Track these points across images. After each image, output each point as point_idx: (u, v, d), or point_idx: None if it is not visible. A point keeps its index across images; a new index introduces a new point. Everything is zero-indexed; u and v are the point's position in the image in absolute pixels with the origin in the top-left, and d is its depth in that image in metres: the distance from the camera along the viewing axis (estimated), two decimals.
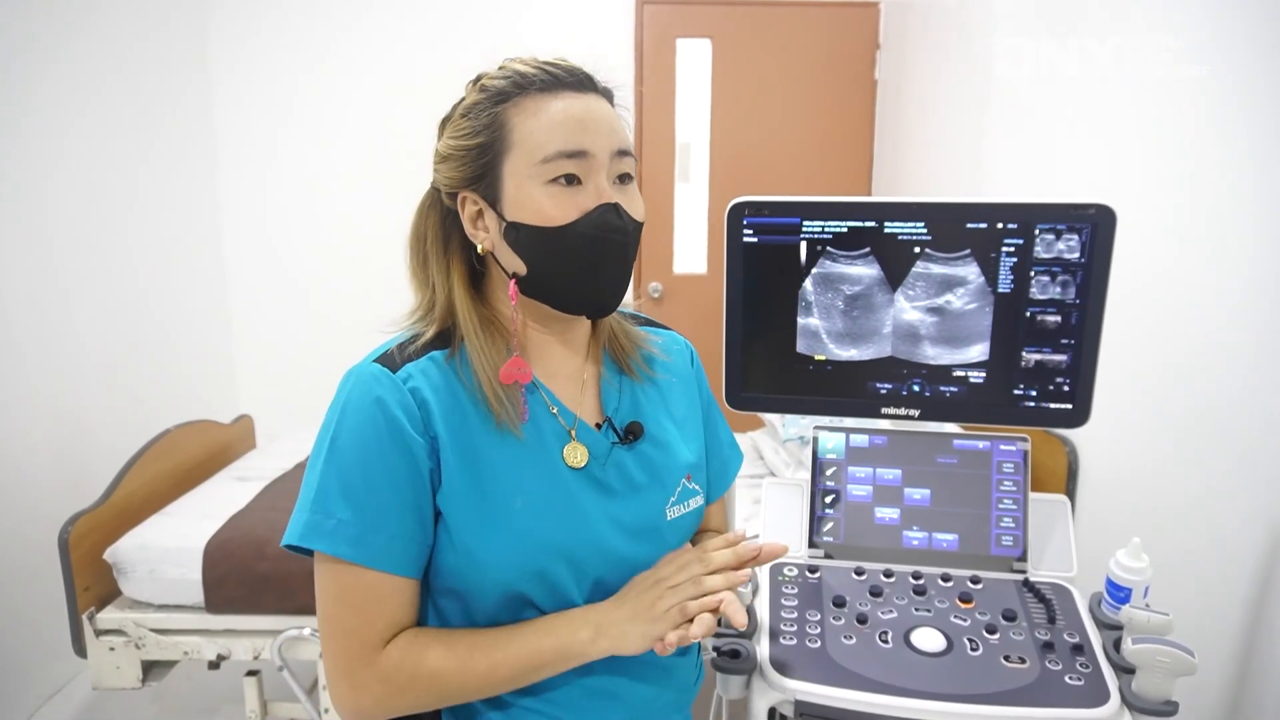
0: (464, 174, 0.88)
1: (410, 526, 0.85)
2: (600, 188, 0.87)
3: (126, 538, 1.81)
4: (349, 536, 0.82)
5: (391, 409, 0.84)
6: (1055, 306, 1.11)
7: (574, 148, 0.85)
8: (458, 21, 3.16)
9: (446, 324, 0.91)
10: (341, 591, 0.84)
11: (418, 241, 0.94)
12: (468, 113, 0.88)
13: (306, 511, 0.84)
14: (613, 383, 0.99)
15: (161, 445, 2.09)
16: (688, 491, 0.99)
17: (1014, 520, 1.16)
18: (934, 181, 2.69)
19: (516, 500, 0.87)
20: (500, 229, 0.87)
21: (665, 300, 3.43)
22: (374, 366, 0.86)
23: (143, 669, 1.81)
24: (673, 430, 1.00)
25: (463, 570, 0.87)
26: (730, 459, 1.13)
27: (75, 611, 1.75)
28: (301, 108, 3.20)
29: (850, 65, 3.29)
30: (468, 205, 0.89)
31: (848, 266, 1.16)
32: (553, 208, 0.85)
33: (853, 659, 1.01)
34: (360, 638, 0.84)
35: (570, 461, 0.91)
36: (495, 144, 0.86)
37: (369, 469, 0.83)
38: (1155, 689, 0.94)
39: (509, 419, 0.88)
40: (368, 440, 0.83)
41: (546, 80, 0.87)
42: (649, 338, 1.05)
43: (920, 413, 1.19)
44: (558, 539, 0.88)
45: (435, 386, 0.87)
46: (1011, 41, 2.11)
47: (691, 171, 3.45)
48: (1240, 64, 1.30)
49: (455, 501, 0.86)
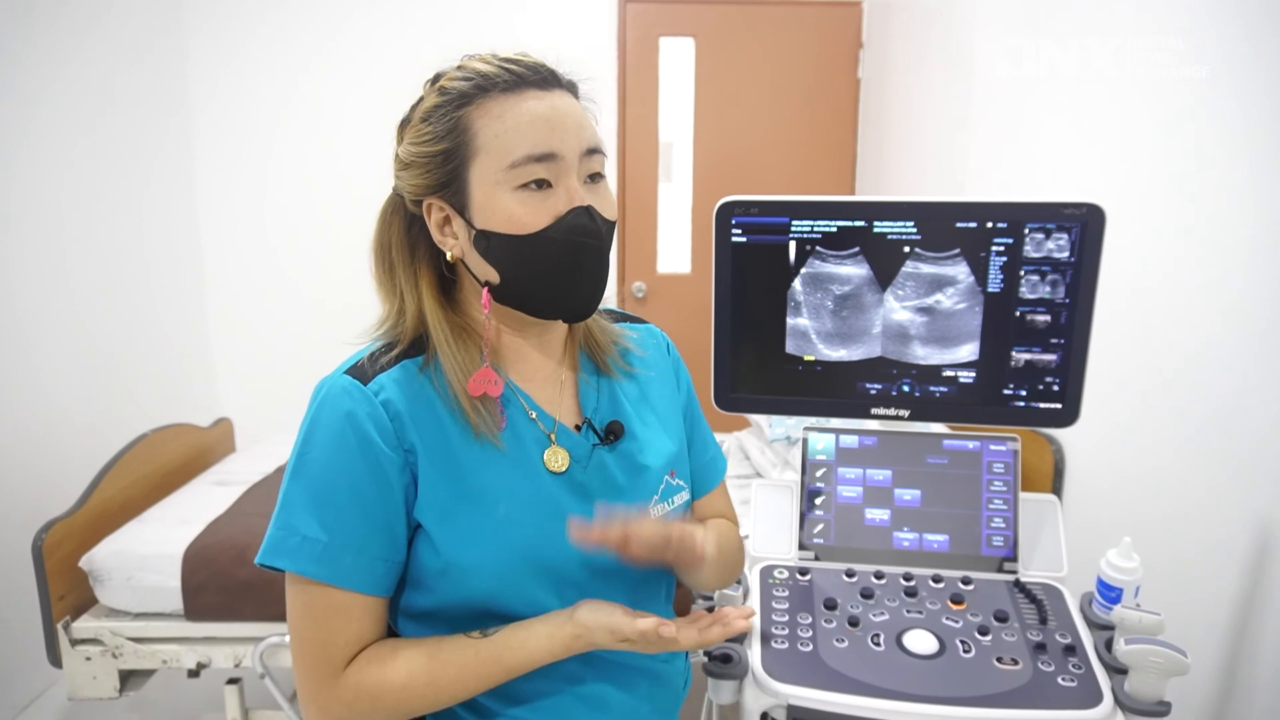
0: (428, 181, 0.85)
1: (379, 544, 0.83)
2: (571, 190, 0.84)
3: (102, 545, 1.78)
4: (314, 554, 0.80)
5: (362, 423, 0.81)
6: (1045, 306, 1.11)
7: (542, 150, 0.82)
8: (441, 22, 3.13)
9: (418, 332, 0.89)
10: (308, 609, 0.82)
11: (382, 250, 0.91)
12: (428, 117, 0.84)
13: (272, 528, 0.82)
14: (590, 382, 0.97)
15: (138, 449, 2.05)
16: (671, 488, 0.97)
17: (1004, 520, 1.16)
18: (917, 180, 2.69)
19: (499, 508, 0.85)
20: (470, 237, 0.84)
21: (649, 300, 3.42)
22: (344, 379, 0.84)
23: (120, 678, 1.77)
24: (654, 425, 0.99)
25: (445, 582, 0.85)
26: (716, 458, 1.12)
27: (50, 621, 1.71)
28: (280, 111, 3.16)
29: (833, 64, 3.29)
30: (434, 212, 0.86)
31: (837, 266, 1.15)
32: (524, 214, 0.82)
33: (845, 662, 1.00)
34: (326, 656, 0.82)
35: (551, 466, 0.89)
36: (460, 150, 0.83)
37: (337, 485, 0.81)
38: (1148, 689, 0.94)
39: (487, 429, 0.85)
40: (337, 456, 0.81)
41: (510, 79, 0.83)
42: (624, 333, 1.03)
43: (910, 413, 1.18)
44: (540, 546, 0.86)
45: (409, 397, 0.84)
46: (994, 40, 2.11)
47: (675, 171, 3.44)
48: (1230, 61, 1.31)
49: (436, 513, 0.84)
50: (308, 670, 0.83)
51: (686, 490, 1.00)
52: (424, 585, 0.86)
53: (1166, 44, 1.46)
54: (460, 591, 0.85)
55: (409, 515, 0.85)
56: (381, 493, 0.82)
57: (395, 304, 0.90)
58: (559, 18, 3.21)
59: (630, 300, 3.40)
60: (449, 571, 0.84)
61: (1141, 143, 1.51)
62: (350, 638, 0.83)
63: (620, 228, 3.39)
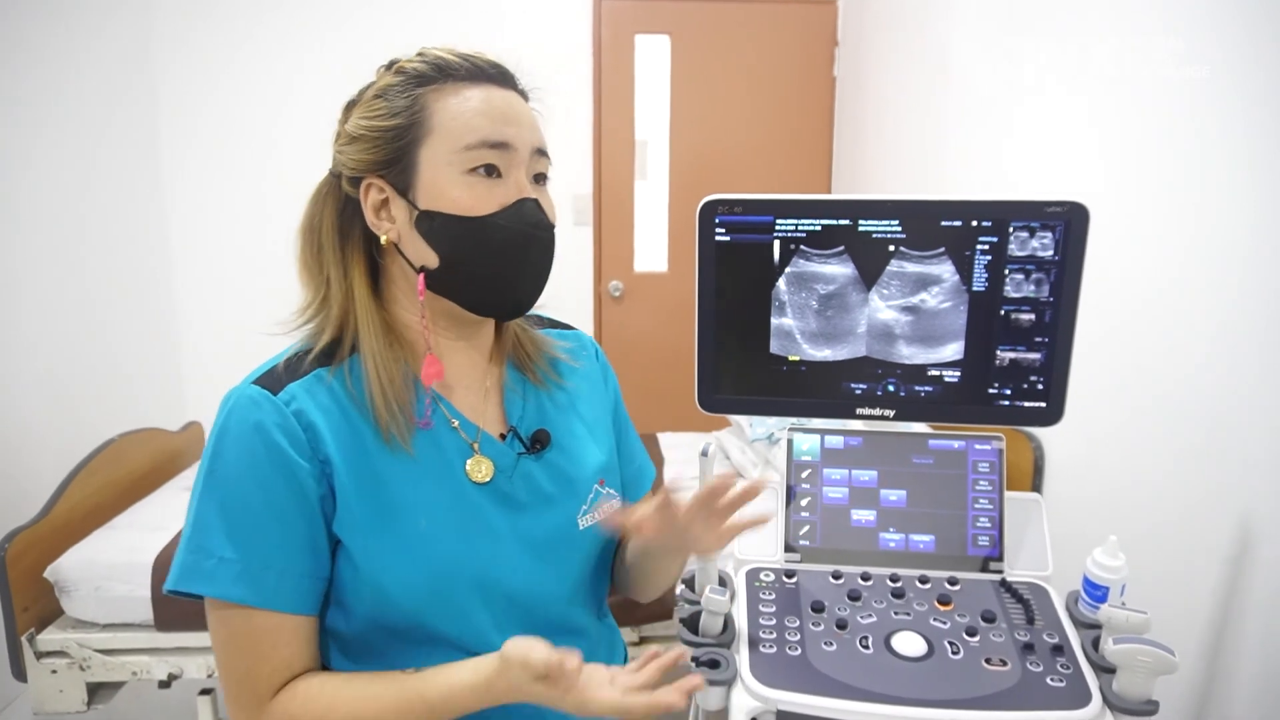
0: (374, 157, 0.82)
1: (302, 560, 0.79)
2: (520, 182, 0.84)
3: (69, 554, 1.73)
4: (232, 575, 0.76)
5: (272, 434, 0.77)
6: (1029, 304, 1.11)
7: (498, 138, 0.81)
8: (416, 18, 3.09)
9: (340, 328, 0.85)
10: (231, 636, 0.78)
11: (311, 232, 0.88)
12: (383, 94, 0.83)
13: (184, 551, 0.77)
14: (517, 390, 0.95)
15: (106, 455, 2.00)
16: (601, 496, 0.95)
17: (990, 520, 1.16)
18: (894, 178, 2.70)
19: (419, 521, 0.82)
20: (411, 218, 0.82)
21: (626, 299, 3.40)
22: (253, 389, 0.80)
23: (88, 691, 1.73)
24: (582, 434, 0.97)
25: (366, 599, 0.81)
26: (645, 463, 1.10)
27: (14, 633, 1.67)
28: (247, 113, 3.11)
29: (809, 63, 3.29)
30: (372, 192, 0.84)
31: (821, 265, 1.14)
32: (471, 198, 0.81)
33: (834, 666, 0.99)
34: (252, 684, 0.78)
35: (474, 477, 0.86)
36: (413, 128, 0.81)
37: (251, 500, 0.77)
38: (1136, 688, 0.94)
39: (399, 431, 0.82)
40: (248, 469, 0.77)
41: (469, 70, 0.83)
42: (554, 343, 1.01)
43: (895, 413, 1.18)
44: (465, 560, 0.83)
45: (323, 406, 0.81)
46: (970, 38, 2.12)
47: (650, 169, 3.43)
48: (1222, 61, 1.32)
49: (354, 527, 0.80)
50: (234, 697, 0.79)
51: (618, 499, 0.97)
52: (345, 605, 0.83)
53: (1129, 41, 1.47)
54: (383, 609, 0.82)
55: (329, 529, 0.81)
56: (298, 506, 0.78)
57: (320, 291, 0.87)
58: (535, 14, 3.18)
59: (607, 299, 3.38)
60: (370, 588, 0.81)
61: (1125, 140, 1.52)
62: (278, 664, 0.79)
63: (596, 226, 3.37)
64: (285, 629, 0.79)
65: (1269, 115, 1.18)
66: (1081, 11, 1.64)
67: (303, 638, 0.81)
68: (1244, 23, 1.23)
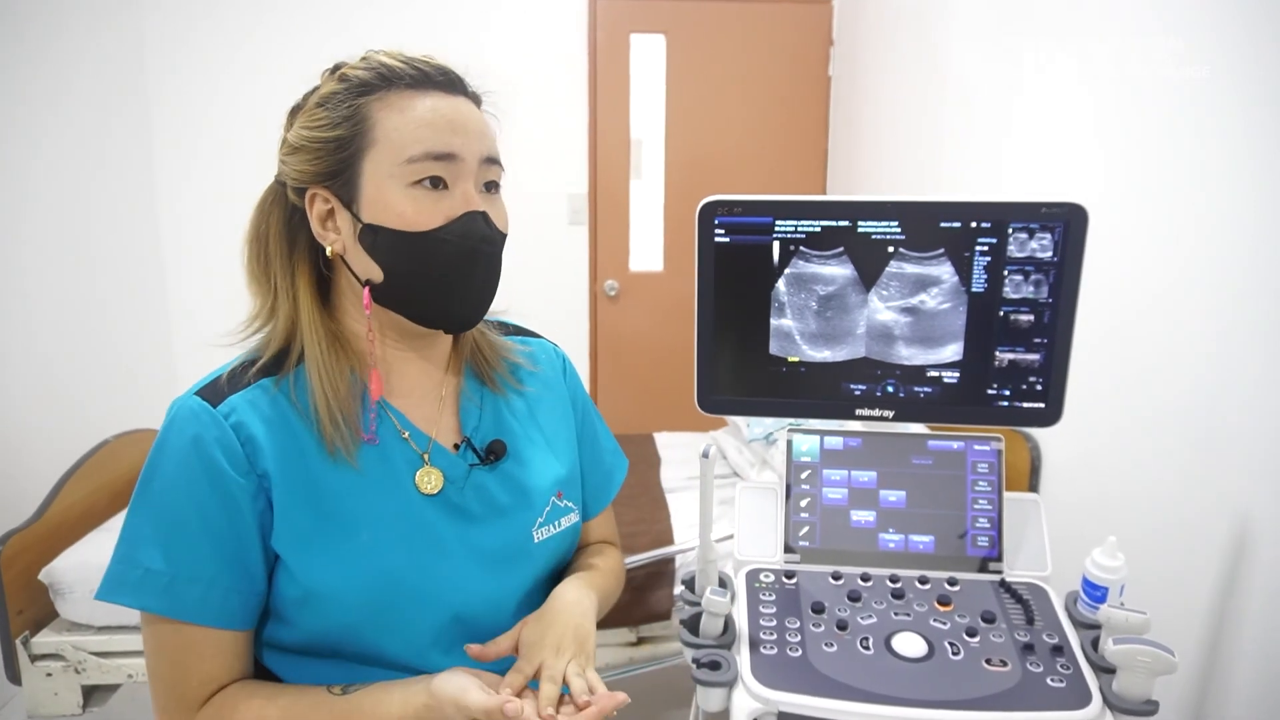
0: (317, 169, 0.81)
1: (230, 576, 0.78)
2: (468, 194, 0.82)
3: (63, 556, 1.72)
4: (158, 588, 0.75)
5: (209, 448, 0.76)
6: (1028, 306, 1.11)
7: (443, 149, 0.79)
8: (410, 16, 3.08)
9: (287, 339, 0.84)
10: (159, 646, 0.78)
11: (258, 241, 0.87)
12: (325, 102, 0.81)
13: (114, 561, 0.77)
14: (473, 398, 0.93)
15: (99, 457, 1.99)
16: (559, 510, 0.93)
17: (989, 520, 1.16)
18: (889, 178, 2.70)
19: (362, 533, 0.80)
20: (355, 231, 0.81)
21: (621, 298, 3.40)
22: (194, 400, 0.79)
23: (83, 694, 1.72)
24: (541, 445, 0.95)
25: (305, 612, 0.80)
26: (614, 466, 1.09)
27: (8, 636, 1.66)
28: (240, 112, 3.10)
29: (804, 62, 3.29)
30: (317, 203, 0.83)
31: (821, 266, 1.14)
32: (415, 212, 0.79)
33: (835, 667, 0.99)
34: (178, 694, 0.78)
35: (423, 488, 0.85)
36: (355, 139, 0.80)
37: (183, 514, 0.76)
38: (1136, 688, 0.94)
39: (343, 444, 0.81)
40: (183, 483, 0.76)
41: (415, 76, 0.81)
42: (515, 348, 1.00)
43: (894, 414, 1.18)
44: (408, 573, 0.82)
45: (265, 418, 0.80)
46: (965, 38, 2.12)
47: (645, 168, 3.43)
48: (1222, 61, 1.32)
49: (293, 541, 0.79)
50: (160, 707, 0.79)
51: (575, 513, 0.96)
52: (284, 617, 0.82)
53: (1127, 42, 1.47)
54: (321, 623, 0.81)
55: (265, 544, 0.80)
56: (231, 521, 0.77)
57: (267, 301, 0.86)
58: (531, 14, 3.18)
59: (602, 298, 3.38)
60: (308, 601, 0.80)
61: (1124, 141, 1.53)
62: (204, 676, 0.78)
63: (591, 225, 3.36)
64: (211, 642, 0.78)
65: (1269, 115, 1.18)
66: (1080, 11, 1.64)
67: (231, 651, 0.80)
68: (1244, 23, 1.24)
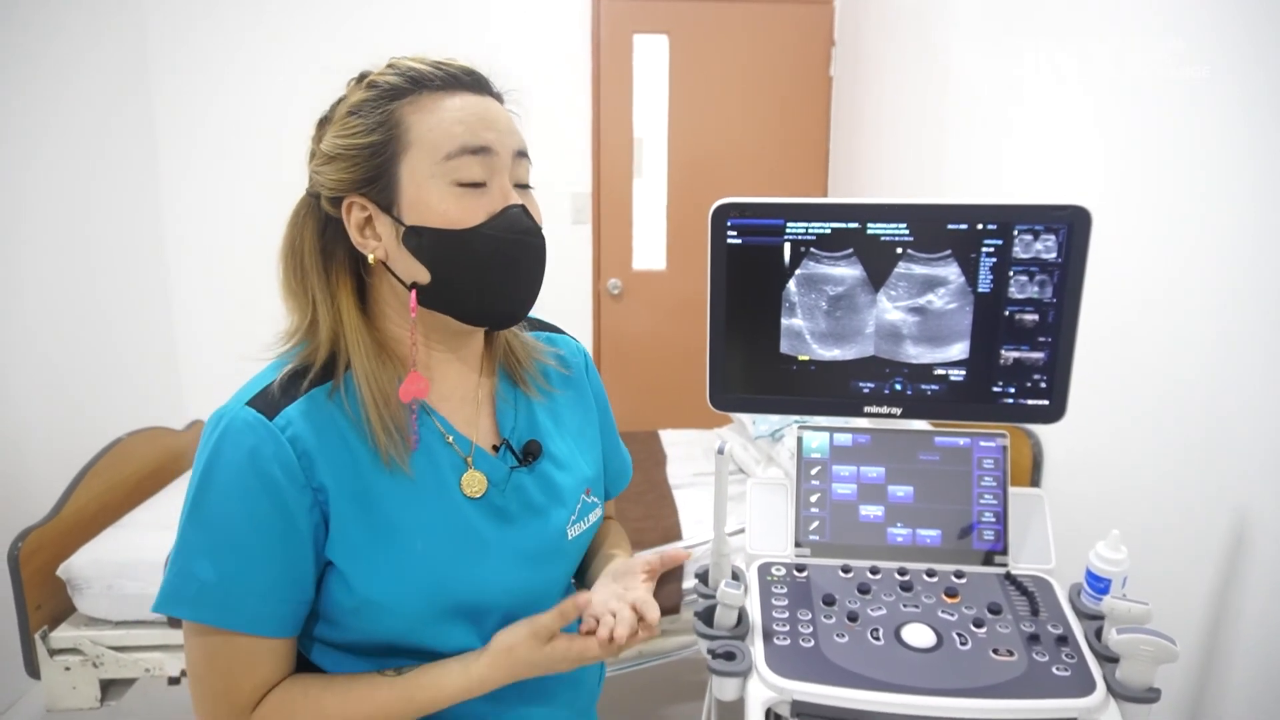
0: (354, 176, 0.82)
1: (283, 587, 0.79)
2: (505, 189, 0.83)
3: (80, 553, 1.74)
4: (214, 601, 0.76)
5: (266, 464, 0.76)
6: (1033, 305, 1.14)
7: (478, 143, 0.80)
8: (413, 17, 3.10)
9: (331, 349, 0.84)
10: (210, 657, 0.78)
11: (293, 255, 0.86)
12: (356, 110, 0.82)
13: (169, 574, 0.78)
14: (508, 399, 0.94)
15: (113, 455, 2.02)
16: (587, 506, 0.95)
17: (995, 515, 1.19)
18: (890, 178, 2.73)
19: (416, 543, 0.82)
20: (398, 234, 0.81)
21: (624, 297, 3.42)
22: (247, 412, 0.78)
23: (100, 688, 1.75)
24: (571, 443, 0.97)
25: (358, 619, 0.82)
26: (625, 464, 1.12)
27: (27, 631, 1.68)
28: (244, 109, 3.12)
29: (805, 62, 3.32)
30: (354, 211, 0.83)
31: (831, 267, 1.17)
32: (458, 210, 0.80)
33: (847, 657, 1.02)
34: (229, 702, 0.79)
35: (468, 491, 0.86)
36: (390, 143, 0.80)
37: (238, 528, 0.77)
38: (1139, 677, 0.97)
39: (397, 452, 0.81)
40: (238, 497, 0.76)
41: (443, 79, 0.82)
42: (544, 349, 1.01)
43: (902, 411, 1.20)
44: (459, 579, 0.83)
45: (319, 430, 0.80)
46: (966, 39, 2.14)
47: (647, 167, 3.45)
48: (1222, 61, 1.34)
49: (349, 551, 0.80)
50: (211, 716, 0.80)
51: (599, 507, 0.98)
52: (337, 621, 0.83)
53: (1126, 43, 1.50)
54: (374, 628, 0.83)
55: (319, 554, 0.81)
56: (285, 535, 0.78)
57: (307, 314, 0.85)
58: (533, 14, 3.19)
59: (606, 297, 3.40)
60: (364, 609, 0.81)
61: (1125, 141, 1.55)
62: (256, 682, 0.80)
63: (594, 224, 3.39)
64: (263, 650, 0.80)
65: (1269, 115, 1.20)
66: (1081, 11, 1.66)
67: (281, 656, 0.82)
68: (1244, 23, 1.26)
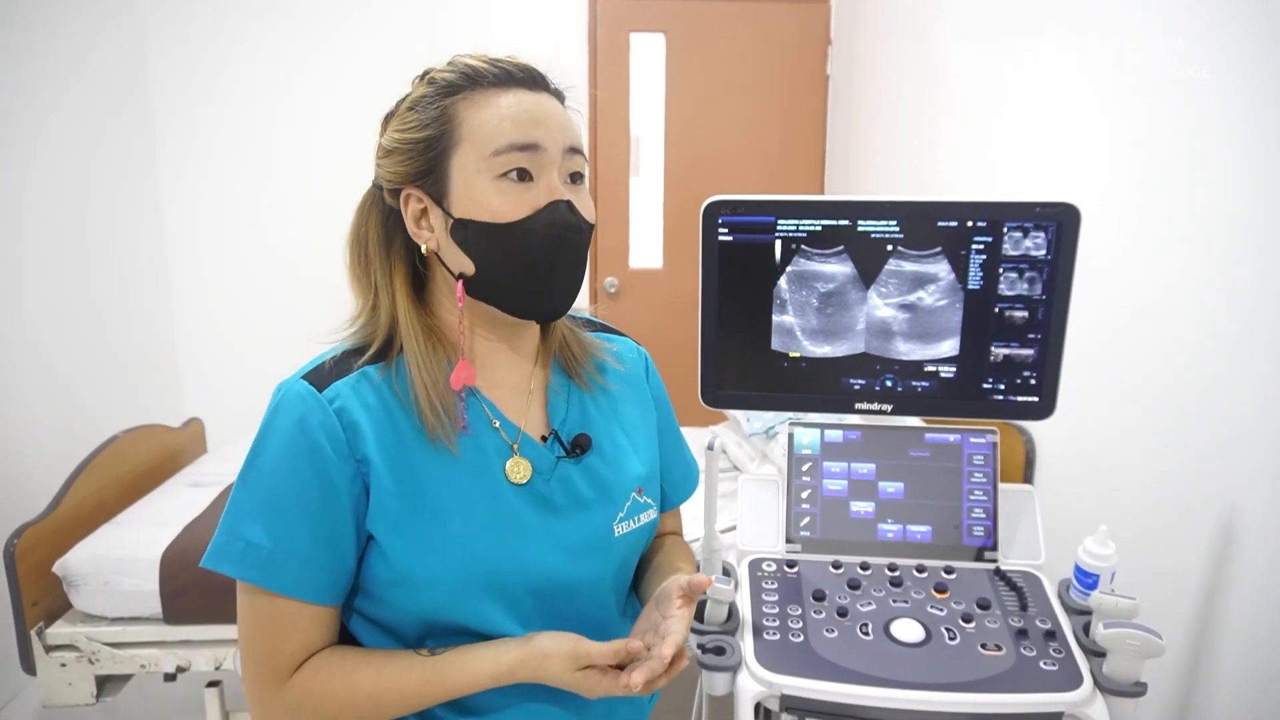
0: (409, 169, 0.85)
1: (325, 555, 0.82)
2: (552, 184, 0.85)
3: (76, 549, 1.75)
4: (258, 561, 0.80)
5: (313, 432, 0.80)
6: (1023, 302, 1.14)
7: (526, 140, 0.82)
8: (411, 17, 3.10)
9: (389, 332, 0.87)
10: (255, 615, 0.82)
11: (358, 243, 0.90)
12: (414, 106, 0.85)
13: (220, 532, 0.82)
14: (561, 392, 0.96)
15: (110, 452, 2.02)
16: (638, 505, 0.96)
17: (984, 511, 1.20)
18: (886, 177, 2.73)
19: (455, 520, 0.84)
20: (447, 226, 0.84)
21: (621, 295, 3.43)
22: (300, 384, 0.83)
23: (96, 684, 1.75)
24: (624, 442, 0.98)
25: (395, 592, 0.84)
26: (691, 471, 1.11)
27: (23, 627, 1.68)
28: (244, 109, 3.12)
29: (802, 61, 3.32)
30: (411, 203, 0.86)
31: (822, 264, 1.18)
32: (503, 204, 0.82)
33: (836, 652, 1.03)
34: (271, 662, 0.82)
35: (512, 477, 0.88)
36: (443, 138, 0.83)
37: (285, 493, 0.80)
38: (1125, 671, 0.98)
39: (444, 433, 0.84)
40: (286, 463, 0.80)
41: (499, 75, 0.85)
42: (602, 345, 1.02)
43: (893, 407, 1.21)
44: (497, 559, 0.85)
45: (367, 404, 0.83)
46: (962, 38, 2.15)
47: (644, 165, 3.45)
48: (1222, 61, 1.35)
49: (389, 524, 0.83)
50: (253, 674, 0.83)
51: (654, 509, 0.99)
52: (374, 595, 0.85)
53: (1119, 43, 1.50)
54: (409, 603, 0.84)
55: (360, 526, 0.83)
56: (328, 503, 0.81)
57: (369, 299, 0.89)
58: (530, 12, 3.20)
59: (602, 295, 3.41)
60: (400, 583, 0.83)
61: (1125, 140, 1.55)
62: (297, 646, 0.82)
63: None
64: (304, 616, 0.82)
65: (1269, 115, 1.20)
66: (1080, 11, 1.66)
67: (322, 624, 0.84)
68: (1244, 23, 1.26)
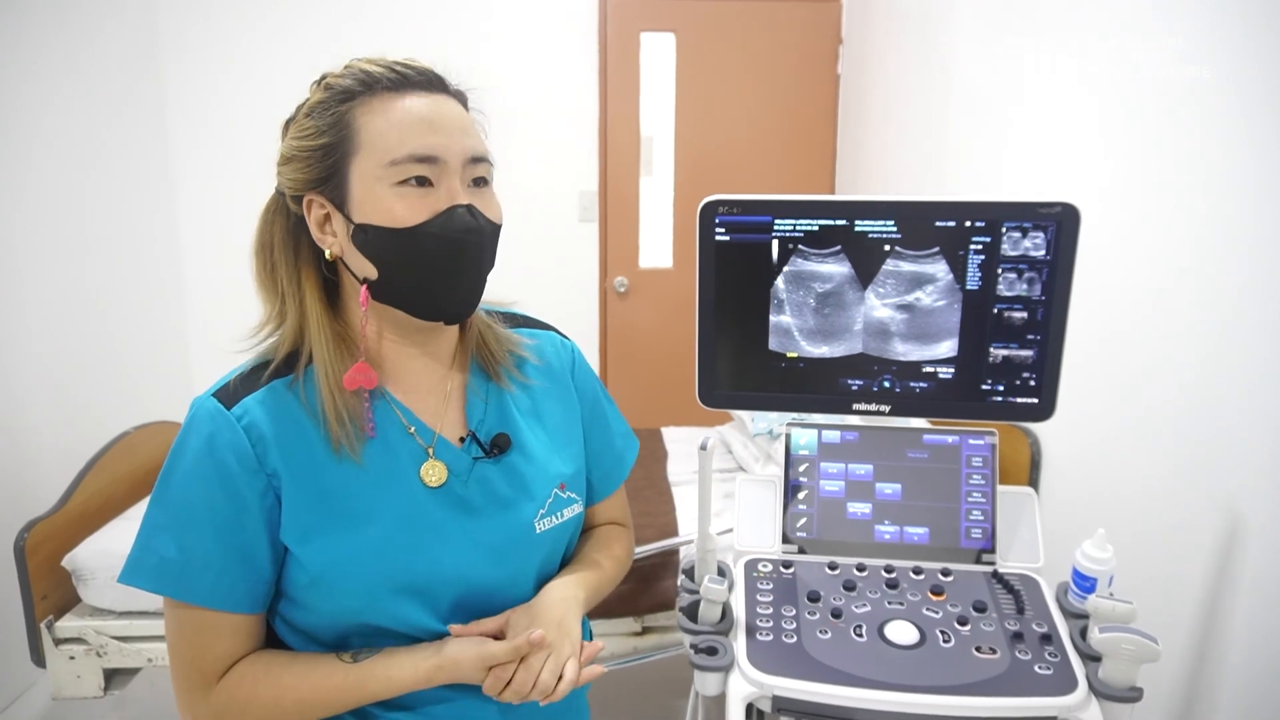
0: (309, 176, 0.85)
1: (239, 566, 0.83)
2: (452, 189, 0.85)
3: (85, 544, 1.77)
4: (172, 575, 0.81)
5: (221, 450, 0.82)
6: (1021, 303, 1.13)
7: (425, 152, 0.83)
8: (420, 15, 3.12)
9: (297, 342, 0.88)
10: (178, 625, 0.84)
11: (264, 249, 0.91)
12: (311, 112, 0.85)
13: (134, 548, 0.83)
14: (479, 393, 0.96)
15: (119, 448, 2.04)
16: (561, 501, 0.96)
17: (983, 513, 1.19)
18: (897, 177, 2.72)
19: (369, 527, 0.85)
20: (349, 231, 0.84)
21: (630, 294, 3.43)
22: (210, 402, 0.84)
23: (105, 677, 1.77)
24: (544, 439, 0.98)
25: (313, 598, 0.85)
26: (626, 449, 1.12)
27: (33, 620, 1.71)
28: (256, 106, 3.13)
29: (813, 60, 3.31)
30: (314, 209, 0.86)
31: (819, 264, 1.17)
32: (403, 209, 0.82)
33: (829, 653, 1.02)
34: (196, 670, 0.83)
35: (428, 481, 0.88)
36: (341, 144, 0.83)
37: (194, 509, 0.82)
38: (1121, 676, 0.96)
39: (348, 441, 0.85)
40: (196, 480, 0.82)
41: (394, 80, 0.84)
42: (521, 341, 1.02)
43: (891, 408, 1.20)
44: (413, 563, 0.86)
45: (275, 418, 0.84)
46: (973, 38, 2.14)
47: (655, 165, 3.45)
48: (1222, 61, 1.34)
49: (301, 534, 0.84)
50: (181, 681, 0.84)
51: (579, 503, 0.99)
52: (295, 599, 0.87)
53: (1129, 42, 1.49)
54: (329, 607, 0.86)
55: (274, 537, 0.84)
56: (238, 517, 0.82)
57: (276, 306, 0.90)
58: (541, 12, 3.20)
59: (612, 295, 3.41)
60: (318, 589, 0.85)
61: (1126, 140, 1.54)
62: (220, 654, 0.84)
63: (601, 222, 3.40)
64: (225, 624, 0.84)
65: (1269, 115, 1.19)
66: (1082, 11, 1.65)
67: (243, 632, 0.85)
68: (1244, 23, 1.25)
